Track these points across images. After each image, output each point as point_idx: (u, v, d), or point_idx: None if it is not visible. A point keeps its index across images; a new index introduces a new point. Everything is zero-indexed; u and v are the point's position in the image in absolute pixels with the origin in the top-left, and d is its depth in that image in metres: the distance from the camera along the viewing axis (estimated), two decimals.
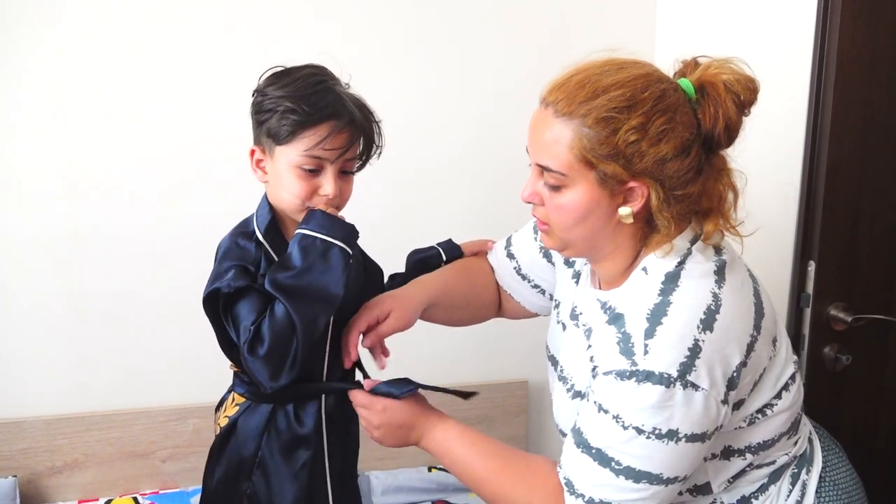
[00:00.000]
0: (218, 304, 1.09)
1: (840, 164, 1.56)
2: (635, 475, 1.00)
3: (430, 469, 2.09)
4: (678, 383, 0.97)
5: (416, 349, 2.06)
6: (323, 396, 1.20)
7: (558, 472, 1.08)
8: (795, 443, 1.18)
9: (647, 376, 0.98)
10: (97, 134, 1.83)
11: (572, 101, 1.01)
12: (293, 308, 1.03)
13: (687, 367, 0.98)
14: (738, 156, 1.09)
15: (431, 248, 1.39)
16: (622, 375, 1.00)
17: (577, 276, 1.27)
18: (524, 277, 1.39)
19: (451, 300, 1.34)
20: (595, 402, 1.03)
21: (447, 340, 1.92)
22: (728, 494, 1.15)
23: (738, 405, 1.06)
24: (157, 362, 1.93)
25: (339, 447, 1.22)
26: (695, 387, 0.98)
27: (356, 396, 1.18)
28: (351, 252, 1.10)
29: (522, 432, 2.19)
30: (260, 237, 1.14)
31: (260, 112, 1.12)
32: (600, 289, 1.16)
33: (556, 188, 1.05)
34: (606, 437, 1.01)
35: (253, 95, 1.15)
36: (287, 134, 1.09)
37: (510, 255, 1.40)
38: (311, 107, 1.08)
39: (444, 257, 1.38)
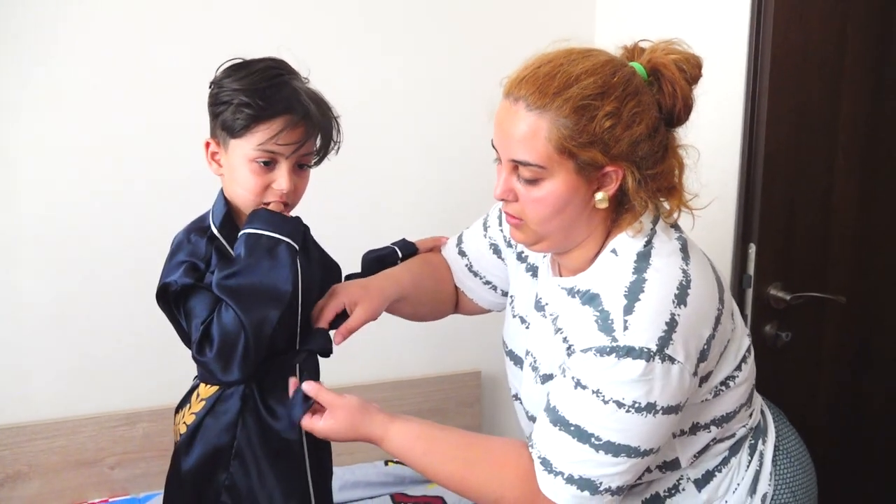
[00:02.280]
0: (168, 299, 1.08)
1: (776, 151, 1.63)
2: (615, 449, 1.02)
3: (386, 463, 2.09)
4: (657, 357, 1.00)
5: (366, 340, 2.06)
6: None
7: (531, 452, 1.09)
8: (751, 415, 1.23)
9: (628, 351, 1.00)
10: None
11: (545, 93, 1.02)
12: (241, 310, 1.03)
13: (665, 342, 1.00)
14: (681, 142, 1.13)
15: (387, 247, 1.39)
16: (602, 351, 1.01)
17: (532, 269, 1.29)
18: (475, 274, 1.41)
19: (417, 295, 1.35)
20: (573, 378, 1.04)
21: (397, 331, 1.91)
22: (694, 470, 1.19)
23: (706, 377, 1.10)
24: (103, 366, 1.87)
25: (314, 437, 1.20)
26: (672, 360, 1.01)
27: (319, 393, 1.13)
28: (297, 248, 1.10)
29: (476, 423, 2.21)
30: (215, 231, 1.13)
31: (215, 104, 1.11)
32: (561, 276, 1.18)
33: (532, 181, 1.06)
34: (586, 412, 1.03)
35: (210, 87, 1.13)
36: (241, 127, 1.08)
37: (461, 253, 1.41)
38: (265, 101, 1.07)
39: (400, 255, 1.38)
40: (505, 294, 1.40)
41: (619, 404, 1.02)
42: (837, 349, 1.80)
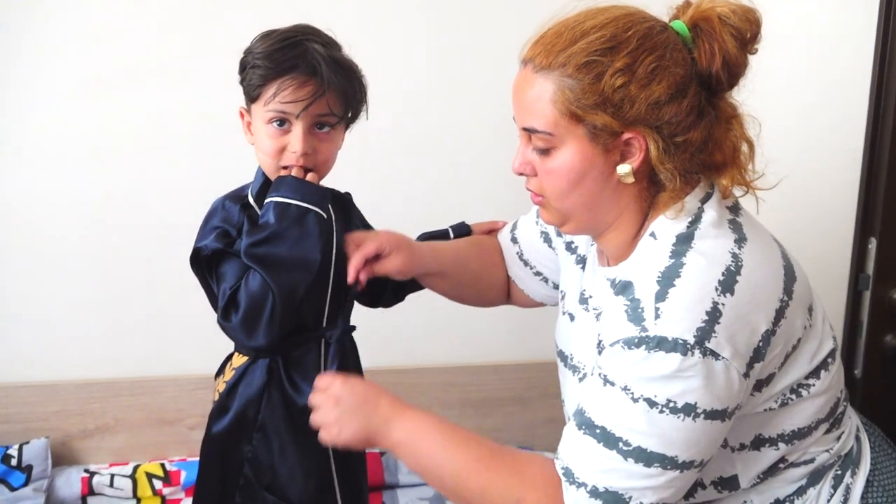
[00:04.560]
0: (201, 263, 1.09)
1: None
2: (646, 458, 0.88)
3: None
4: (696, 350, 0.86)
5: (449, 325, 2.01)
6: (322, 363, 1.17)
7: (555, 463, 0.96)
8: (838, 438, 1.05)
9: (660, 343, 0.87)
10: (130, 99, 1.82)
11: (550, 52, 0.92)
12: (270, 278, 1.02)
13: (705, 333, 0.87)
14: (794, 122, 0.96)
15: (442, 229, 1.35)
16: (630, 343, 0.89)
17: (581, 261, 1.17)
18: (526, 263, 1.30)
19: (459, 274, 1.28)
20: (601, 375, 0.93)
21: (482, 312, 1.85)
22: (760, 496, 1.03)
23: (766, 381, 0.95)
24: (186, 330, 1.92)
25: None
26: (715, 355, 0.87)
27: (321, 380, 1.04)
28: (325, 216, 1.07)
29: (561, 415, 2.09)
30: (251, 200, 1.13)
31: (240, 71, 1.11)
32: (609, 266, 1.06)
33: (545, 152, 0.96)
34: (613, 412, 0.90)
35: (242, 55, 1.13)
36: (254, 89, 1.08)
37: (514, 240, 1.31)
38: (272, 60, 1.06)
39: (453, 235, 1.33)
40: (556, 287, 1.28)
41: (651, 403, 0.88)
42: None
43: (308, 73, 1.06)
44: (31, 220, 1.85)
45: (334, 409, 1.00)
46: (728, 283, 0.90)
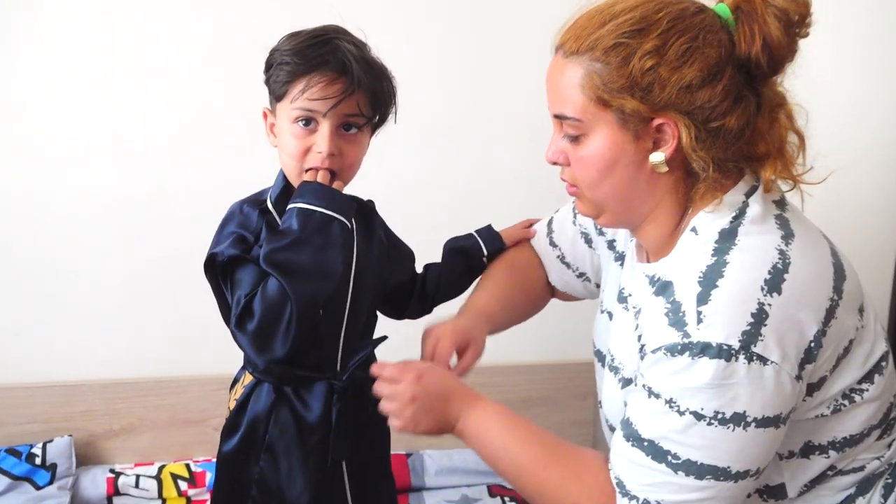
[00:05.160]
0: (216, 270, 1.04)
1: None
2: (697, 470, 0.85)
3: None
4: (741, 356, 0.83)
5: None
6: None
7: (609, 471, 0.93)
8: (890, 445, 1.00)
9: (703, 349, 0.83)
10: (151, 98, 1.81)
11: (580, 37, 0.90)
12: (290, 286, 0.97)
13: (751, 337, 0.83)
14: (842, 113, 0.90)
15: (470, 236, 1.29)
16: (673, 350, 0.85)
17: (620, 258, 1.13)
18: (568, 266, 1.27)
19: (511, 316, 1.26)
20: (644, 387, 0.89)
21: None
22: (805, 503, 0.98)
23: (818, 385, 0.90)
24: (210, 330, 1.89)
25: (354, 433, 1.12)
26: (762, 360, 0.83)
27: (384, 368, 1.04)
28: (350, 226, 1.03)
29: (589, 416, 2.05)
30: (269, 205, 1.08)
31: (266, 70, 1.07)
32: (648, 262, 1.01)
33: (575, 139, 0.93)
34: (659, 425, 0.87)
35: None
36: (280, 86, 1.03)
37: (553, 244, 1.28)
38: (301, 57, 1.02)
39: (486, 251, 1.28)
40: (599, 286, 1.25)
41: (698, 416, 0.84)
42: None
43: (338, 71, 1.02)
44: (57, 221, 1.84)
45: (410, 407, 1.00)
46: (775, 281, 0.85)
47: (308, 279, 0.99)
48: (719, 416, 0.84)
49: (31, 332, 1.88)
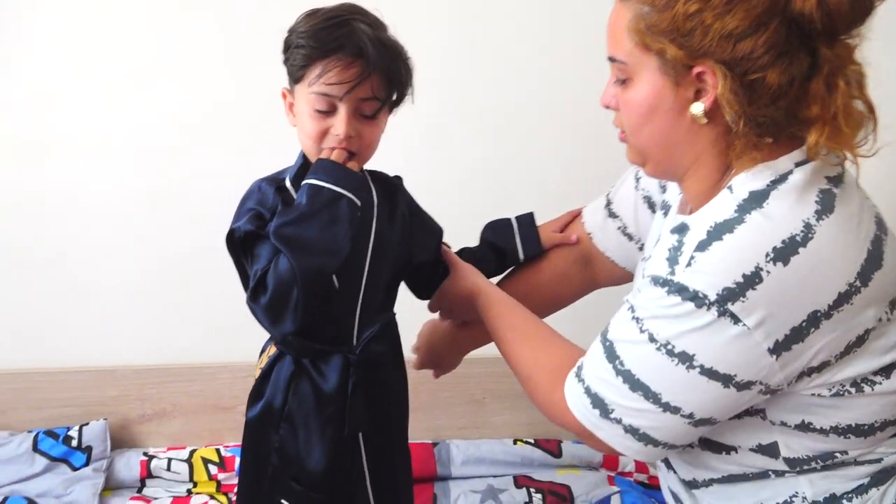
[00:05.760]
0: (235, 245, 1.07)
1: None
2: (632, 382, 0.92)
3: (515, 442, 1.99)
4: (714, 308, 0.85)
5: None
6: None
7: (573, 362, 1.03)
8: None
9: (680, 290, 0.87)
10: (172, 92, 1.84)
11: None
12: (294, 259, 0.99)
13: (733, 295, 0.84)
14: None
15: (508, 229, 1.31)
16: (657, 280, 0.91)
17: (665, 208, 1.14)
18: (630, 237, 1.26)
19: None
20: (627, 300, 0.97)
21: None
22: (814, 487, 0.97)
23: (819, 368, 0.89)
24: (240, 317, 1.90)
25: (371, 405, 1.14)
26: (735, 319, 0.84)
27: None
28: (360, 203, 1.04)
29: None
30: (287, 183, 1.11)
31: (284, 51, 1.09)
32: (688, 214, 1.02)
33: (623, 83, 0.95)
34: (622, 332, 0.95)
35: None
36: (297, 70, 1.05)
37: (612, 215, 1.27)
38: (317, 40, 1.03)
39: (522, 256, 1.30)
40: None
41: (652, 338, 0.90)
42: None
43: (354, 55, 1.03)
44: (88, 208, 1.89)
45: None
46: (785, 252, 0.84)
47: (313, 253, 1.01)
48: (668, 346, 0.89)
49: (68, 319, 1.93)
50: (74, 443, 1.83)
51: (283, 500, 1.13)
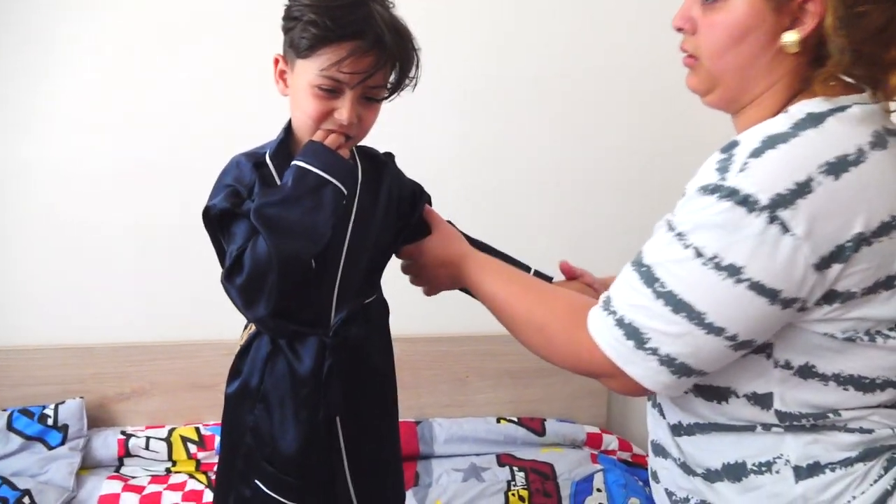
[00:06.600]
0: (211, 222, 1.03)
1: None
2: (675, 303, 0.87)
3: (498, 420, 1.99)
4: (765, 213, 0.82)
5: None
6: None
7: (602, 294, 0.97)
8: None
9: (731, 193, 0.83)
10: (160, 70, 1.81)
11: None
12: (271, 241, 0.95)
13: (784, 201, 0.81)
14: None
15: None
16: (706, 189, 0.86)
17: None
18: None
19: None
20: (667, 220, 0.91)
21: None
22: (796, 454, 0.94)
23: (842, 297, 0.87)
24: (221, 295, 1.88)
25: (350, 390, 1.11)
26: (784, 227, 0.82)
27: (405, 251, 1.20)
28: (345, 193, 1.01)
29: (600, 388, 2.02)
30: (267, 158, 1.06)
31: (287, 18, 1.02)
32: None
33: (712, 4, 0.91)
34: (661, 253, 0.89)
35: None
36: (306, 47, 0.99)
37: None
38: (334, 21, 0.97)
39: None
40: None
41: (698, 253, 0.85)
42: None
43: (372, 43, 0.98)
44: (69, 186, 1.86)
45: (423, 276, 1.21)
46: (837, 168, 0.82)
47: (293, 237, 0.97)
48: (716, 259, 0.84)
49: (44, 296, 1.89)
50: (50, 421, 1.80)
51: (256, 481, 1.11)
